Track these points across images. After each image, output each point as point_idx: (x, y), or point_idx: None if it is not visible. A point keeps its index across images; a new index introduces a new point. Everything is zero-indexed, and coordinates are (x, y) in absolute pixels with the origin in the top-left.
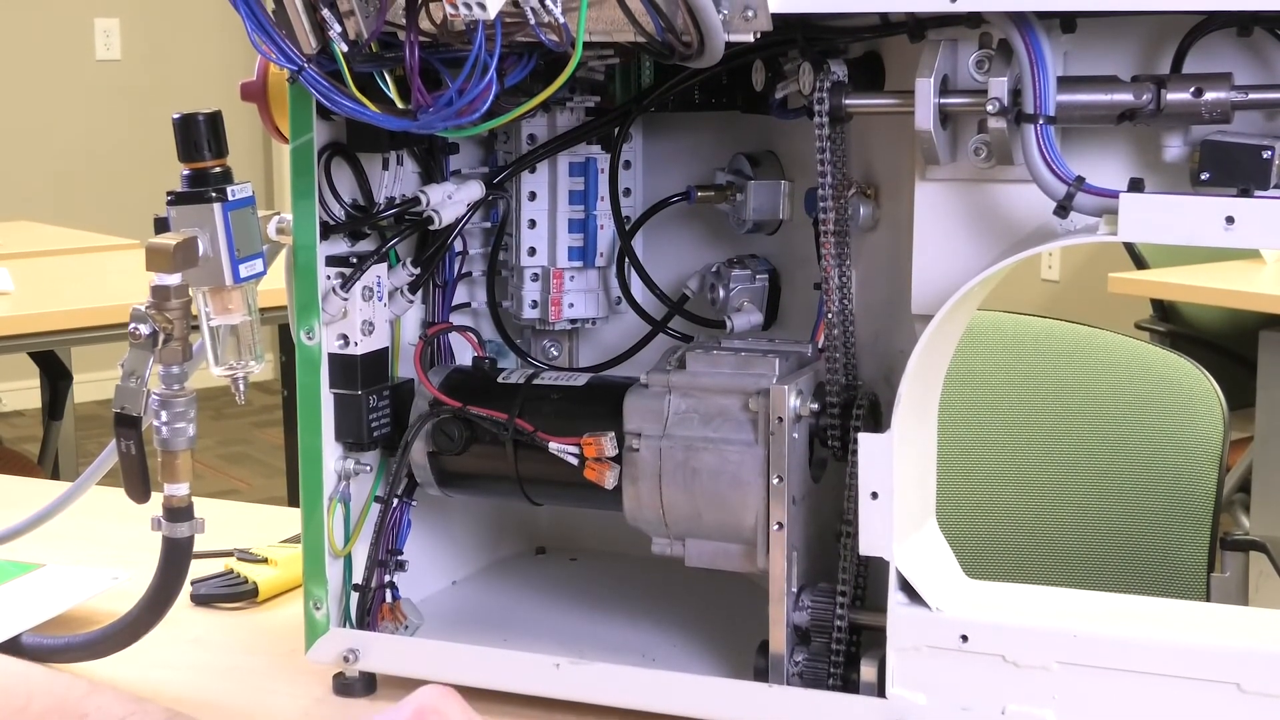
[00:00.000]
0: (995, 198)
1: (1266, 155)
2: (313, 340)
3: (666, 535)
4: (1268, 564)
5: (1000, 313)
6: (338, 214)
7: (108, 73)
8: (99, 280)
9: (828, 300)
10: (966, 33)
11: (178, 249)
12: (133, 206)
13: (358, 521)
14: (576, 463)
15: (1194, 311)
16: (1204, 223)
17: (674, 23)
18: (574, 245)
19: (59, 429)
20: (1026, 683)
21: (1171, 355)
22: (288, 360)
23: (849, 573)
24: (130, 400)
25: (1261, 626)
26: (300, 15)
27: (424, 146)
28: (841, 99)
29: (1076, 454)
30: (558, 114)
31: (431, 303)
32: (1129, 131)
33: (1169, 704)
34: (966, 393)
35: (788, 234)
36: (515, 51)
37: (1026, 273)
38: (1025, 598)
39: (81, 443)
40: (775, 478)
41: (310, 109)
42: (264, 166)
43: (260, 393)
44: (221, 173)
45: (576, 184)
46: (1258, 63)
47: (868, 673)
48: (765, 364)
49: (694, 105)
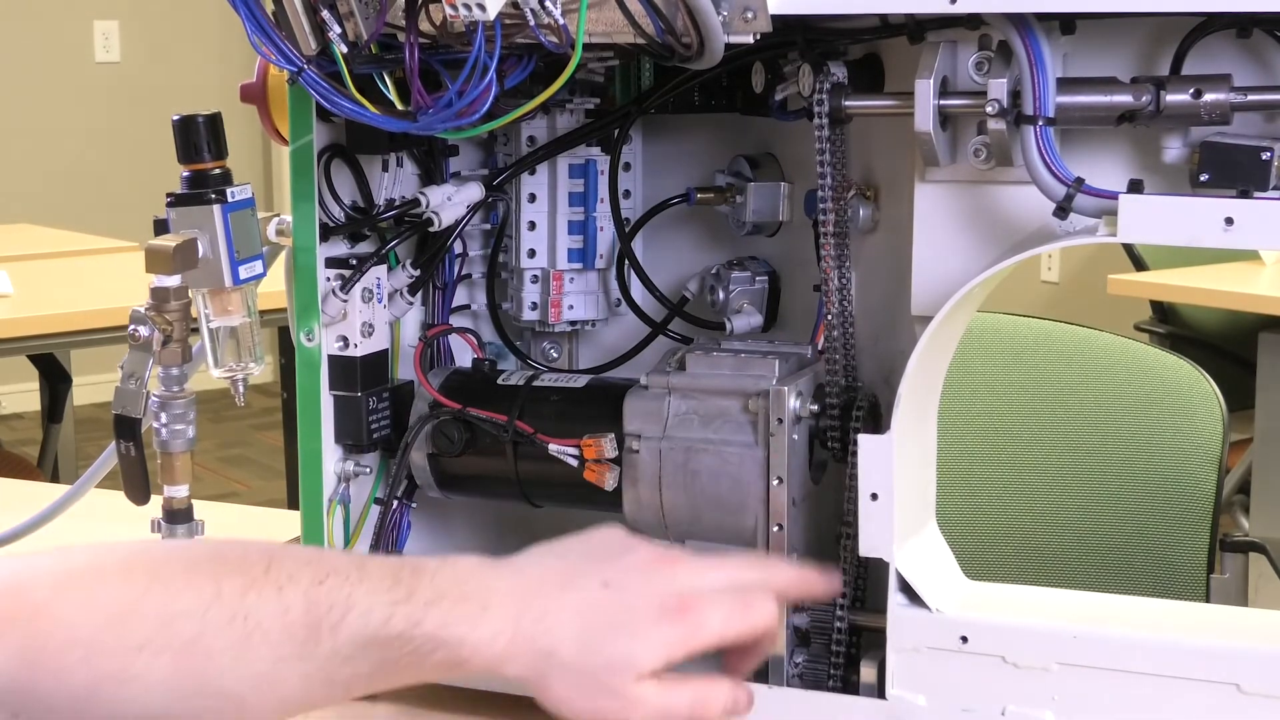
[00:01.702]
0: (995, 199)
1: (1266, 156)
2: (312, 342)
3: (666, 537)
4: (1267, 565)
5: (1000, 314)
6: (337, 216)
7: (107, 75)
8: (98, 282)
9: (827, 302)
10: (966, 34)
11: (177, 251)
12: (132, 208)
13: (357, 523)
14: (576, 464)
15: (1193, 313)
16: (1203, 224)
17: (674, 24)
18: (574, 247)
19: (58, 432)
20: (1026, 683)
21: (1171, 357)
22: (287, 362)
23: (849, 574)
24: (130, 402)
25: (1261, 627)
26: (300, 17)
27: (424, 148)
28: (841, 100)
29: (1076, 455)
30: (557, 116)
31: (431, 304)
32: (1128, 133)
33: (1169, 705)
34: (966, 394)
35: (787, 236)
36: (515, 53)
37: (1026, 274)
38: (1025, 599)
39: (81, 445)
40: (775, 479)
41: (310, 110)
42: (264, 168)
43: (260, 395)
44: (221, 174)
45: (576, 186)
46: (1257, 64)
47: (868, 674)
48: (765, 365)
49: (694, 107)
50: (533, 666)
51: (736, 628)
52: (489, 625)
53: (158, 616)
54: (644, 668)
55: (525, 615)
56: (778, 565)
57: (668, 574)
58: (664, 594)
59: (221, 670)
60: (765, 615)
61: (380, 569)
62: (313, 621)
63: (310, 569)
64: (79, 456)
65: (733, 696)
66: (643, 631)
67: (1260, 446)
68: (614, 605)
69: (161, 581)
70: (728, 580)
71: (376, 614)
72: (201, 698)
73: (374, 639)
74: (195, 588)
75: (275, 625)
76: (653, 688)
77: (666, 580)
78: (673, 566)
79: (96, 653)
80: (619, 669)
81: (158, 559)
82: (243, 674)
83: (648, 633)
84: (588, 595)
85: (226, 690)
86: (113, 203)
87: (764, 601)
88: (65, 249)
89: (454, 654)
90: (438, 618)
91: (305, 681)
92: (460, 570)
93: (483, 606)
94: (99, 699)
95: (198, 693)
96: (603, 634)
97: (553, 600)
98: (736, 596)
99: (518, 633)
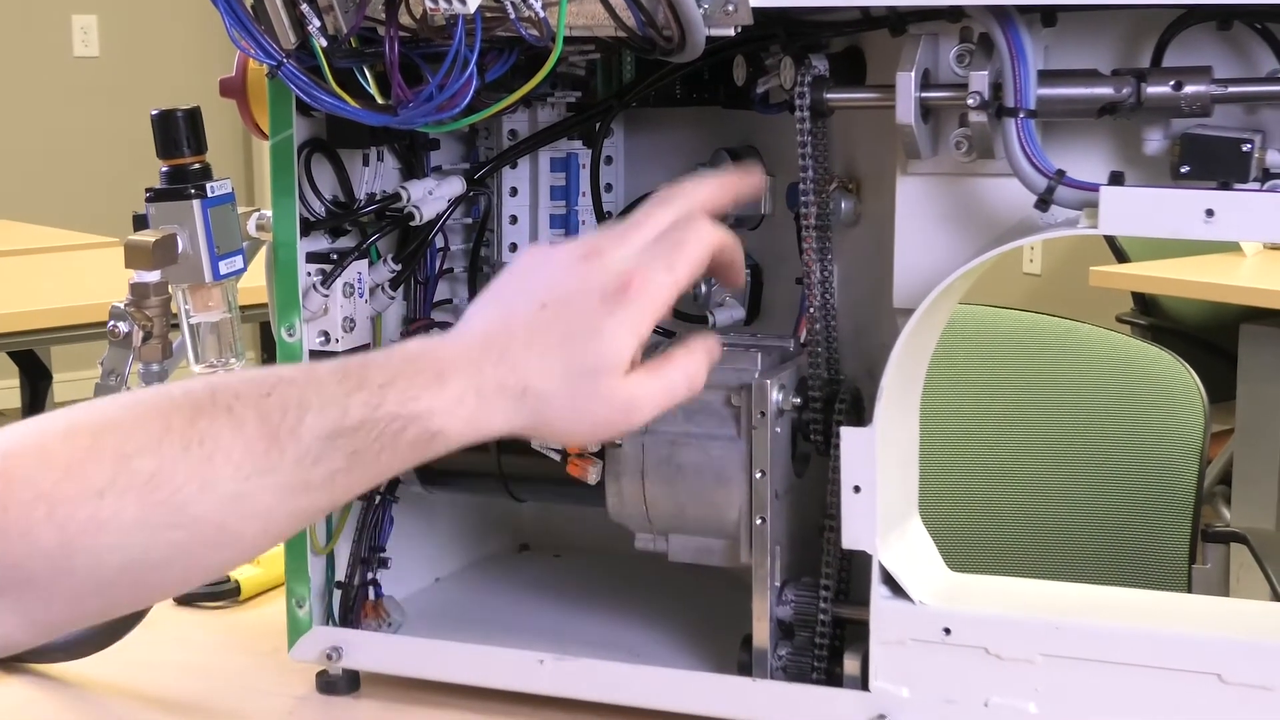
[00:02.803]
0: (976, 191)
1: (1246, 148)
2: (294, 337)
3: (650, 531)
4: (1248, 555)
5: (982, 306)
6: (318, 210)
7: (86, 69)
8: (78, 278)
9: (810, 295)
10: (947, 27)
11: (157, 246)
12: (111, 204)
13: (340, 519)
14: (559, 459)
15: (1175, 304)
16: (1184, 215)
17: (655, 17)
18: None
19: None
20: (1009, 675)
21: (1152, 348)
22: (269, 358)
23: (832, 567)
24: None
25: (1242, 617)
26: (279, 11)
27: (404, 142)
28: (823, 93)
29: (1058, 447)
30: (539, 109)
31: (413, 299)
32: (1109, 125)
33: (1151, 695)
34: (948, 386)
35: (770, 229)
36: (496, 47)
37: (1008, 266)
38: (1008, 590)
39: None
40: (758, 472)
41: (290, 105)
42: (244, 163)
43: None
44: (201, 169)
45: (558, 179)
46: (1237, 56)
47: (851, 666)
48: (748, 359)
49: (675, 100)
50: (515, 411)
51: (683, 268)
52: (452, 388)
53: (113, 459)
54: (622, 360)
55: (484, 365)
56: (692, 189)
57: (595, 263)
58: (602, 285)
59: (189, 499)
60: (704, 237)
61: (327, 368)
62: (269, 431)
63: (255, 385)
64: None
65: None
66: (602, 328)
67: (1241, 437)
68: (561, 318)
69: (111, 427)
70: (653, 233)
71: (333, 408)
72: (177, 529)
73: (337, 431)
74: (144, 426)
75: (233, 443)
76: (642, 380)
77: (597, 269)
78: (596, 253)
79: (60, 503)
80: (601, 373)
81: (104, 409)
82: (212, 498)
83: (607, 326)
84: (532, 319)
85: (201, 517)
86: (92, 198)
87: (696, 228)
88: (45, 245)
89: (425, 427)
90: (396, 396)
91: (280, 493)
92: (409, 350)
93: (438, 374)
94: (75, 554)
95: (172, 525)
96: (565, 349)
97: (502, 339)
98: (667, 240)
99: (483, 384)
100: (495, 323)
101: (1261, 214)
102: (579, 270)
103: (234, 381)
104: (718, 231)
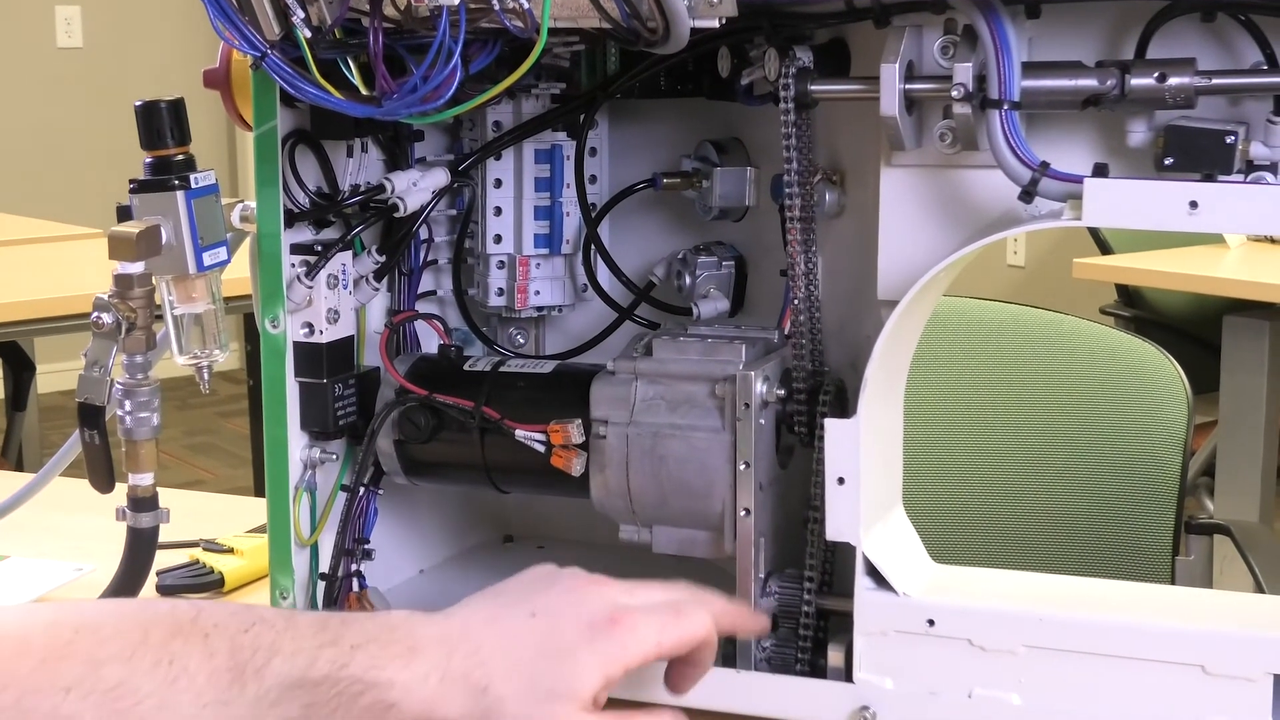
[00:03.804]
0: (960, 183)
1: (1230, 140)
2: (277, 329)
3: (634, 522)
4: (1232, 547)
5: (966, 298)
6: (302, 201)
7: (69, 60)
8: (61, 270)
9: (794, 286)
10: (931, 18)
11: (140, 237)
12: (95, 195)
13: (324, 510)
14: (543, 450)
15: (1158, 296)
16: (1168, 207)
17: (639, 9)
18: (540, 232)
19: (22, 420)
20: (993, 666)
21: (1136, 340)
22: (253, 349)
23: (816, 558)
24: (94, 390)
25: (1226, 609)
26: (263, 1)
27: (389, 134)
28: (807, 85)
29: (1042, 439)
30: (523, 101)
31: (397, 290)
32: (1093, 117)
33: (1134, 686)
34: (932, 378)
35: (754, 221)
36: (480, 38)
37: (992, 258)
38: (991, 582)
39: (45, 434)
40: (742, 464)
41: (274, 96)
42: (228, 154)
43: (225, 382)
44: (184, 160)
45: (542, 171)
46: (1221, 48)
47: (835, 658)
48: (732, 350)
49: (660, 92)
50: (472, 705)
51: (672, 637)
52: (419, 666)
53: (85, 661)
54: (585, 693)
55: (455, 653)
56: (708, 594)
57: (595, 594)
58: (593, 613)
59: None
60: (699, 625)
61: (308, 618)
62: (237, 665)
63: (237, 618)
64: (43, 445)
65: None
66: (576, 654)
67: (1225, 429)
68: (543, 631)
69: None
70: (662, 599)
71: (301, 657)
72: None
73: (300, 682)
74: (122, 634)
75: (200, 670)
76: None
77: (595, 599)
78: (601, 587)
79: (29, 693)
80: (560, 698)
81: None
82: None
83: (581, 655)
84: (516, 625)
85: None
86: (75, 189)
87: (697, 611)
88: (27, 236)
89: (383, 697)
90: (364, 660)
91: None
92: (392, 618)
93: (410, 649)
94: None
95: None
96: (536, 663)
97: (482, 636)
98: (668, 606)
99: (449, 671)
100: (480, 616)
101: (1245, 206)
102: (579, 592)
103: (219, 612)
104: (713, 631)
